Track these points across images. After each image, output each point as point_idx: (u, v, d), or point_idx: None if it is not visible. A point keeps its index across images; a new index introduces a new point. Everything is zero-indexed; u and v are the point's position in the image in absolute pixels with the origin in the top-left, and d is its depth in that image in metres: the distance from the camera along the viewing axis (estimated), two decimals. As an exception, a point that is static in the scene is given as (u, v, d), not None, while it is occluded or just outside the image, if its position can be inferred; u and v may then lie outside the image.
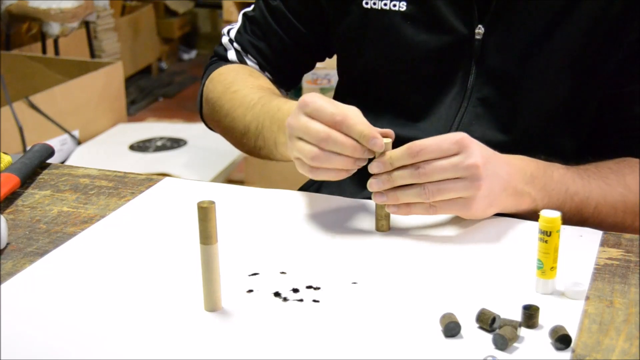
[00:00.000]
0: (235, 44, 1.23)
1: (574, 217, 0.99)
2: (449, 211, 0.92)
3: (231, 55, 1.23)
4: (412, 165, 0.90)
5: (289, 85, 1.28)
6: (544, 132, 1.08)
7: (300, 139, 0.91)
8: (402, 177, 0.90)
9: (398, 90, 1.12)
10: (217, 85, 1.19)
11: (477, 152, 0.90)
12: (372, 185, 0.92)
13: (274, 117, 1.03)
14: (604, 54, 1.04)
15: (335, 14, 1.14)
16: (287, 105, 1.02)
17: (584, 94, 1.06)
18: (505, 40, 1.05)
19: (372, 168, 0.91)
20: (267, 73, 1.22)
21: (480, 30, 1.06)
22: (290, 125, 0.92)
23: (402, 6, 1.08)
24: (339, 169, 0.91)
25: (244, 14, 1.23)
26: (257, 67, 1.22)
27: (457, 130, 1.08)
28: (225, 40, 1.25)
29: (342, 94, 1.22)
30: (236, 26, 1.24)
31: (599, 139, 1.09)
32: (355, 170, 0.92)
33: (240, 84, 1.15)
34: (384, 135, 0.91)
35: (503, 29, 1.05)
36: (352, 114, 0.90)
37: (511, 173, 0.95)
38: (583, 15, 1.02)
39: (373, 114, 1.12)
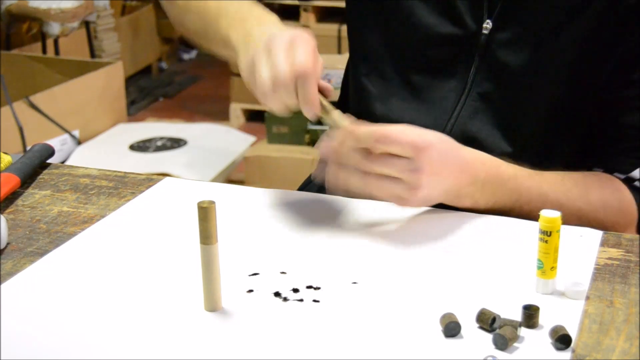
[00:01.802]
0: None
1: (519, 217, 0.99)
2: (382, 198, 0.94)
3: None
4: (363, 149, 0.91)
5: None
6: (541, 132, 1.08)
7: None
8: (349, 158, 0.92)
9: (402, 69, 1.12)
10: None
11: (428, 160, 0.91)
12: (321, 150, 0.94)
13: (243, 31, 1.01)
14: (605, 57, 1.04)
15: None
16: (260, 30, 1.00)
17: (583, 96, 1.06)
18: (511, 37, 1.05)
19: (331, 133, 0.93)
20: None
21: (487, 25, 1.06)
22: (257, 54, 0.92)
23: None
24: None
25: None
26: None
27: (455, 123, 1.09)
28: None
29: (353, 68, 1.23)
30: None
31: (593, 144, 1.09)
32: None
33: None
34: (323, 90, 0.93)
35: (510, 26, 1.05)
36: (312, 72, 0.90)
37: (461, 178, 0.95)
38: (589, 17, 1.02)
39: (381, 91, 1.12)
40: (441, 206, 0.98)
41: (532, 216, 0.98)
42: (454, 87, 1.09)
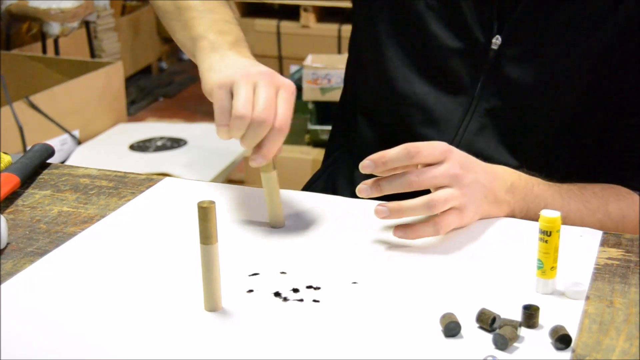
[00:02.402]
0: None
1: None
2: (446, 222, 0.92)
3: None
4: (400, 174, 0.91)
5: None
6: (548, 148, 1.07)
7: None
8: (391, 185, 0.91)
9: (406, 79, 1.12)
10: None
11: (458, 161, 0.92)
12: (361, 191, 0.92)
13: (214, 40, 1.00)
14: (615, 79, 1.03)
15: None
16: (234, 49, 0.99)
17: (591, 113, 1.06)
18: (521, 53, 1.05)
19: (364, 167, 0.91)
20: None
21: (497, 40, 1.05)
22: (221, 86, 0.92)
23: None
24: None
25: None
26: None
27: (462, 139, 1.09)
28: None
29: (351, 76, 1.22)
30: None
31: (598, 163, 1.09)
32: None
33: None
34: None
35: (520, 42, 1.05)
36: (286, 130, 0.90)
37: (492, 181, 0.96)
38: (601, 36, 1.02)
39: (383, 103, 1.12)
40: None
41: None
42: (461, 102, 1.09)
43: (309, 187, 1.26)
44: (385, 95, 1.13)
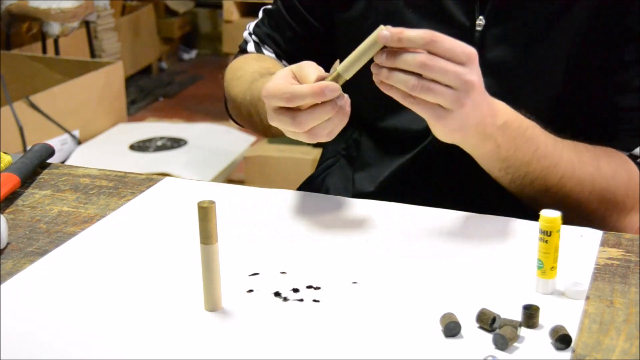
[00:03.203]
0: (253, 36, 1.27)
1: (537, 181, 0.99)
2: (421, 111, 0.89)
3: (250, 47, 1.27)
4: (416, 53, 0.87)
5: None
6: (541, 125, 1.08)
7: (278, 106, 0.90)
8: (405, 63, 0.87)
9: None
10: (228, 73, 1.24)
11: (477, 73, 0.89)
12: (375, 71, 0.89)
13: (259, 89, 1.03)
14: (600, 47, 1.04)
15: (340, 4, 1.15)
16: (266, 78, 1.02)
17: (580, 87, 1.06)
18: (504, 32, 1.06)
19: (381, 35, 0.88)
20: (283, 61, 1.24)
21: (480, 21, 1.06)
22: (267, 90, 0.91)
23: None
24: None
25: (264, 9, 1.28)
26: (274, 56, 1.25)
27: None
28: (245, 34, 1.29)
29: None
30: (256, 20, 1.29)
31: (592, 130, 1.09)
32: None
33: (245, 68, 1.19)
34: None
35: (503, 21, 1.06)
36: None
37: (488, 115, 0.93)
38: (582, 9, 1.03)
39: (370, 101, 1.12)
40: (442, 198, 0.97)
41: (546, 174, 0.98)
42: None
43: (305, 186, 1.26)
44: (372, 96, 1.14)
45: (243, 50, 1.29)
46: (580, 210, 1.00)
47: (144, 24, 4.59)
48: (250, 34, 1.28)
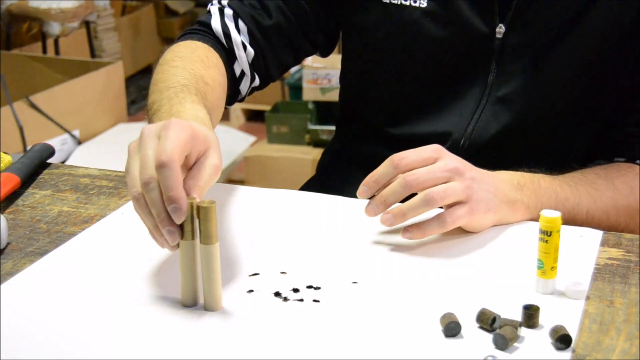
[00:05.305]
0: (227, 9, 1.13)
1: (569, 224, 0.99)
2: (452, 215, 0.90)
3: (214, 21, 1.12)
4: (398, 178, 0.89)
5: (264, 79, 1.17)
6: (560, 129, 1.08)
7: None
8: (393, 192, 0.89)
9: (413, 86, 1.12)
10: (167, 54, 1.10)
11: (454, 157, 0.91)
12: (369, 211, 0.91)
13: (167, 112, 0.92)
14: (620, 54, 1.04)
15: (352, 6, 1.14)
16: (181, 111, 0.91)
17: (598, 95, 1.06)
18: (524, 39, 1.06)
19: (361, 194, 0.91)
20: (250, 48, 1.12)
21: (500, 29, 1.06)
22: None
23: (423, 2, 1.08)
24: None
25: None
26: (246, 38, 1.12)
27: (474, 127, 1.09)
28: (213, 7, 1.15)
29: (346, 89, 1.22)
30: None
31: (610, 136, 1.09)
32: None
33: (175, 70, 1.03)
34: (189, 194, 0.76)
35: (523, 28, 1.06)
36: (176, 162, 0.74)
37: (498, 183, 0.94)
38: (600, 15, 1.03)
39: (383, 110, 1.12)
40: None
41: (574, 215, 0.98)
42: (473, 93, 1.09)
43: (305, 187, 1.26)
44: (391, 107, 1.13)
45: (204, 25, 1.14)
46: (614, 230, 1.00)
47: (144, 24, 4.59)
48: (221, 9, 1.13)
